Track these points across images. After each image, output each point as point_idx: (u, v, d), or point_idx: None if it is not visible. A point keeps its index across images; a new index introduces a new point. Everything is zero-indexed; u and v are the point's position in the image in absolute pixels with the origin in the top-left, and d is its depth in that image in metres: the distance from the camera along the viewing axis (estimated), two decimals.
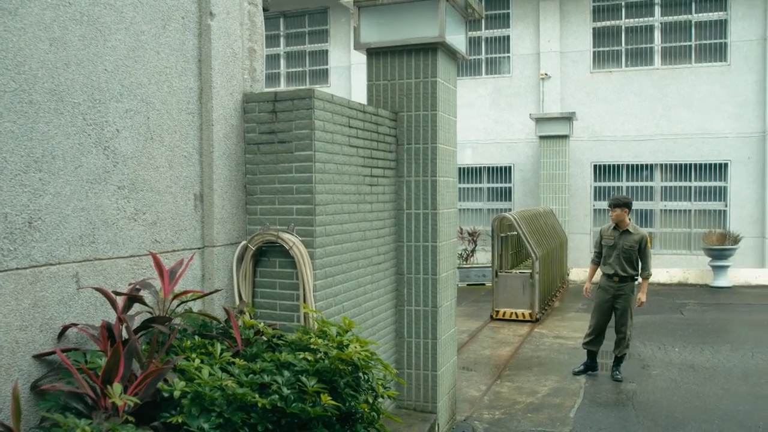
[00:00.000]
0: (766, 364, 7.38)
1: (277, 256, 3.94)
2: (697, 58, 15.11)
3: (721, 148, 14.90)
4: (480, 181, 16.68)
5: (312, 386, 2.65)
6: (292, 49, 18.16)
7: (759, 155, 14.68)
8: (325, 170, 3.99)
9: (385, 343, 4.98)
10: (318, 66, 17.97)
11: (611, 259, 6.98)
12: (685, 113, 15.10)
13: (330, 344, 2.98)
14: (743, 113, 14.77)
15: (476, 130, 16.50)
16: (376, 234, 4.76)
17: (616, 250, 6.94)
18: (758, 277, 13.75)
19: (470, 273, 14.15)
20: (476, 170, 16.68)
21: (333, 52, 17.63)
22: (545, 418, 5.78)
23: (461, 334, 9.15)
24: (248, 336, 3.35)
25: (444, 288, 5.21)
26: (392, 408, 5.16)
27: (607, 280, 7.04)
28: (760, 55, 14.58)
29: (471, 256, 14.67)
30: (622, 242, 6.92)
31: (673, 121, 15.17)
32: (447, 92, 5.22)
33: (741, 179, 14.81)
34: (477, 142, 16.54)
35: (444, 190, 5.16)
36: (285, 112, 3.91)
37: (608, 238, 7.05)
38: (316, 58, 18.01)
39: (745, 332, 9.13)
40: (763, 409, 5.91)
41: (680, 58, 15.23)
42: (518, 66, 16.23)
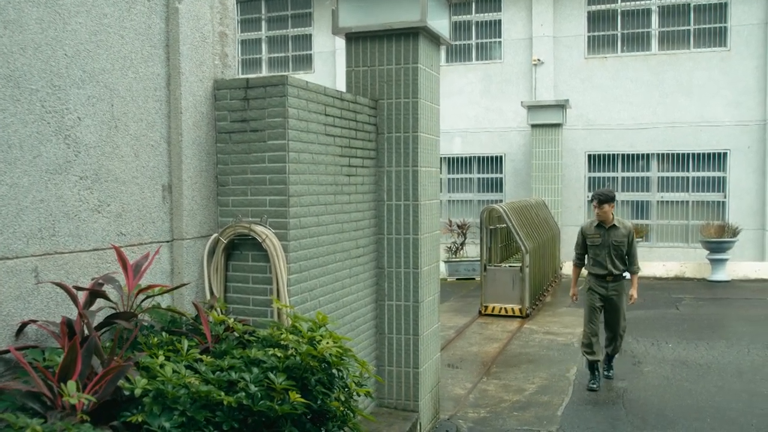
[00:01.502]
0: (762, 360, 7.48)
1: (250, 249, 3.96)
2: (696, 43, 15.19)
3: (720, 137, 15.01)
4: (470, 171, 16.73)
5: (280, 383, 2.68)
6: (274, 33, 18.10)
7: (759, 144, 14.80)
8: (299, 160, 4.01)
9: (364, 339, 5.02)
10: (301, 51, 17.93)
11: (601, 258, 6.79)
12: (683, 101, 15.20)
13: (301, 340, 3.01)
14: (743, 100, 14.87)
15: (466, 119, 16.53)
16: (355, 226, 4.79)
17: (605, 249, 6.76)
18: (758, 271, 13.89)
19: (459, 267, 14.21)
20: (466, 160, 16.73)
21: (317, 36, 17.59)
22: (532, 416, 5.85)
23: (448, 330, 9.21)
24: (218, 332, 3.37)
25: (426, 282, 5.25)
26: (373, 406, 5.20)
27: (598, 282, 6.87)
28: (761, 39, 14.68)
29: (460, 250, 14.74)
30: (611, 239, 6.75)
31: (670, 109, 15.27)
32: (429, 79, 5.24)
33: (740, 169, 14.94)
34: (467, 131, 16.58)
35: (426, 181, 5.19)
36: (257, 99, 3.93)
37: (593, 237, 6.83)
38: (299, 42, 17.97)
39: (742, 327, 9.24)
40: (757, 406, 6.00)
41: (678, 43, 15.31)
42: (510, 51, 16.27)
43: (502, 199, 16.00)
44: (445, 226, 15.00)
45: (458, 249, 14.74)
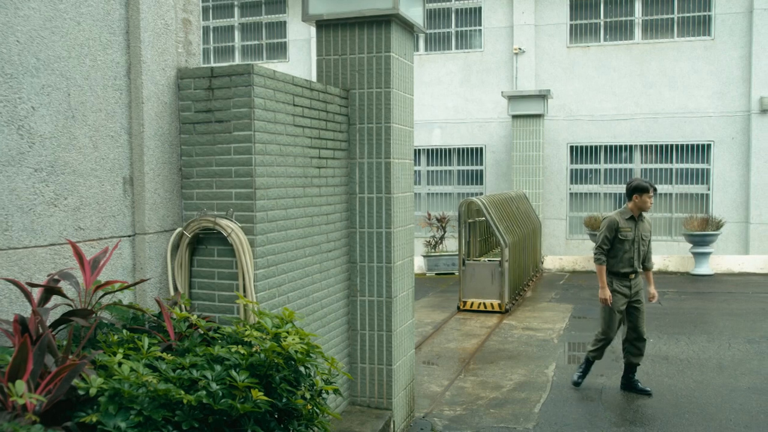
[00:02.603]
0: (742, 355, 7.61)
1: (216, 243, 3.96)
2: (680, 32, 15.36)
3: (704, 128, 15.21)
4: (449, 163, 16.79)
5: (242, 381, 2.69)
6: (248, 20, 18.01)
7: (743, 135, 15.02)
8: (266, 152, 4.01)
9: (336, 335, 5.04)
10: (276, 39, 17.86)
11: (628, 255, 6.34)
12: (666, 91, 15.36)
13: (265, 337, 3.02)
14: (727, 91, 15.08)
15: (445, 109, 16.59)
16: (326, 220, 4.80)
17: (634, 244, 6.35)
18: (741, 265, 14.12)
19: (439, 261, 14.28)
20: (445, 152, 16.79)
21: (291, 24, 17.53)
22: (509, 413, 5.91)
23: (426, 326, 9.26)
24: (181, 329, 3.36)
25: (400, 277, 5.28)
26: (345, 405, 5.23)
27: (622, 281, 6.42)
28: (745, 28, 14.87)
29: (440, 244, 14.81)
30: (640, 233, 6.38)
31: (653, 100, 15.43)
32: (402, 68, 5.26)
33: (724, 161, 15.15)
34: (446, 122, 16.63)
35: (399, 173, 5.21)
36: (222, 89, 3.91)
37: (626, 231, 6.34)
38: (273, 30, 17.89)
39: (723, 322, 9.38)
40: (736, 401, 6.11)
41: (662, 32, 15.47)
42: (490, 40, 16.33)
43: (483, 192, 16.10)
44: (424, 220, 15.06)
45: (437, 243, 14.81)
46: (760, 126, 14.78)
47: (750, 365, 7.21)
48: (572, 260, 14.95)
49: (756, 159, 14.83)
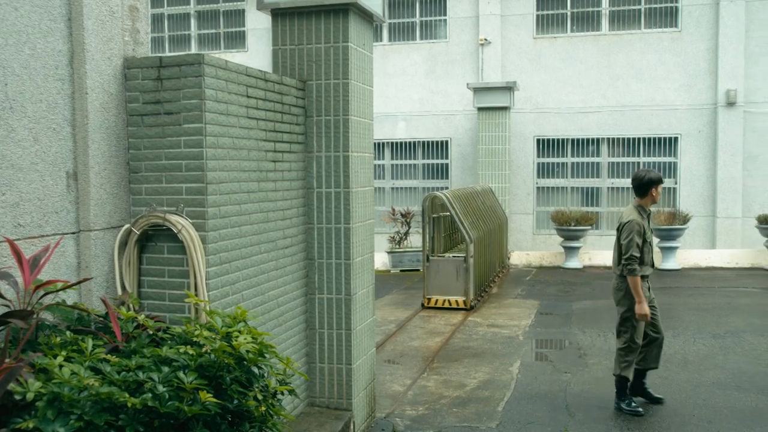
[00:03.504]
0: (707, 350, 7.79)
1: (165, 240, 3.92)
2: (647, 24, 15.61)
3: (671, 121, 15.49)
4: (414, 157, 16.85)
5: (190, 383, 2.68)
6: (204, 8, 17.82)
7: (710, 128, 15.33)
8: (218, 145, 3.98)
9: (294, 335, 5.03)
10: (234, 28, 17.72)
11: (648, 255, 5.96)
12: (633, 83, 15.61)
13: (215, 337, 3.01)
14: (694, 83, 15.37)
15: (410, 101, 16.63)
16: (282, 215, 4.78)
17: (649, 243, 5.98)
18: (708, 259, 14.41)
19: (403, 258, 14.33)
20: (410, 145, 16.84)
21: (250, 12, 17.40)
22: (472, 412, 5.97)
23: (389, 325, 9.29)
24: (128, 330, 3.33)
25: (359, 274, 5.29)
26: (304, 406, 5.22)
27: (645, 284, 5.99)
28: (712, 20, 15.17)
29: (404, 240, 14.85)
30: (650, 229, 6.08)
31: (620, 92, 15.67)
32: (361, 59, 5.26)
33: (692, 154, 15.45)
34: (411, 114, 16.68)
35: (358, 167, 5.22)
36: (172, 79, 3.87)
37: (647, 231, 5.97)
38: (231, 18, 17.74)
39: (689, 317, 9.58)
40: (700, 397, 6.25)
41: (629, 23, 15.70)
42: (456, 30, 16.41)
43: (448, 186, 16.18)
44: (388, 215, 15.09)
45: (402, 239, 14.85)
46: (727, 119, 15.10)
47: (715, 360, 7.38)
48: (539, 256, 15.11)
49: (722, 152, 15.15)
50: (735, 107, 15.03)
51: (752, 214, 14.53)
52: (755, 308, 10.15)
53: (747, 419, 5.70)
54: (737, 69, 15.02)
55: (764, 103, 15.05)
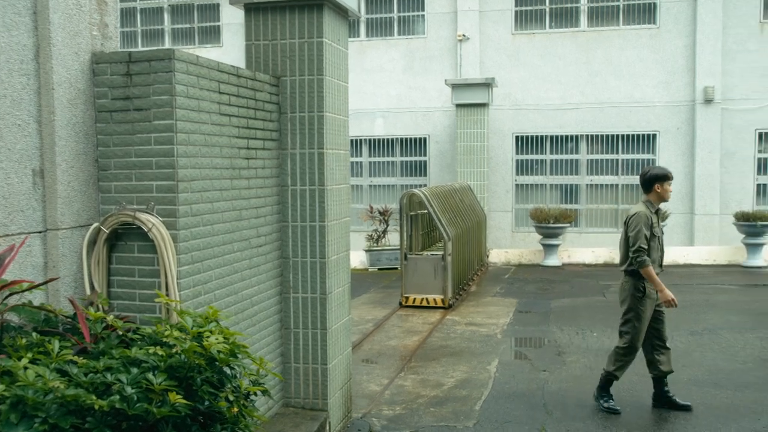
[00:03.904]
0: (685, 347, 7.87)
1: (136, 239, 3.89)
2: (626, 20, 15.74)
3: (649, 118, 15.64)
4: (392, 154, 16.86)
5: (159, 384, 2.66)
6: (178, 2, 17.69)
7: (688, 125, 15.49)
8: (189, 141, 3.95)
9: (268, 334, 5.01)
10: (208, 22, 17.61)
11: (657, 253, 5.91)
12: (612, 80, 15.73)
13: (185, 337, 2.99)
14: (672, 80, 15.53)
15: (388, 98, 16.63)
16: (255, 213, 4.77)
17: (659, 239, 5.95)
18: (686, 256, 14.58)
19: (381, 256, 14.34)
20: (388, 142, 16.84)
21: (225, 6, 17.30)
22: (449, 412, 5.99)
23: (366, 324, 9.29)
24: (97, 331, 3.30)
25: (335, 272, 5.28)
26: (279, 406, 5.21)
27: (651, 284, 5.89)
28: (689, 17, 15.32)
29: (382, 238, 14.86)
30: (660, 226, 6.03)
31: (599, 89, 15.78)
32: (336, 55, 5.25)
33: (670, 151, 15.61)
34: (389, 111, 16.69)
35: (333, 164, 5.21)
36: (141, 75, 3.84)
37: (655, 227, 5.92)
38: (205, 12, 17.63)
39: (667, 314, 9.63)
40: (676, 393, 6.30)
41: (607, 19, 15.82)
42: (434, 26, 16.43)
43: (427, 184, 16.21)
44: (366, 213, 15.10)
45: (380, 237, 14.86)
46: (705, 116, 15.28)
47: (692, 357, 7.46)
48: (518, 253, 15.19)
49: (700, 149, 15.32)
50: (713, 104, 15.20)
51: (730, 211, 14.71)
52: (732, 305, 10.28)
53: (723, 416, 5.77)
54: (715, 66, 15.20)
55: (741, 100, 15.24)
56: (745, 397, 6.21)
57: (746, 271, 13.49)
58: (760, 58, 15.13)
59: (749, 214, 13.89)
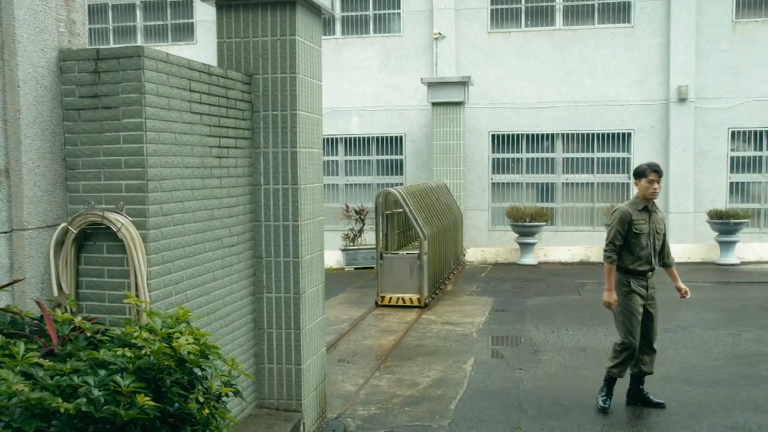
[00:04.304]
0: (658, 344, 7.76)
1: (105, 239, 3.85)
2: (600, 19, 15.85)
3: (624, 117, 15.78)
4: (368, 152, 16.85)
5: (127, 386, 2.64)
6: None
7: (662, 124, 15.65)
8: (159, 140, 3.92)
9: (241, 335, 4.99)
10: (182, 20, 17.47)
11: (645, 251, 5.90)
12: (587, 79, 15.84)
13: (155, 338, 2.96)
14: (647, 79, 15.68)
15: (364, 96, 16.62)
16: (228, 213, 4.74)
17: (650, 237, 5.94)
18: None
19: (357, 255, 14.33)
20: (364, 141, 16.83)
21: (199, 3, 17.16)
22: (424, 411, 6.00)
23: (342, 323, 9.29)
24: (64, 333, 3.27)
25: (308, 272, 5.27)
26: (252, 407, 5.19)
27: (637, 281, 5.91)
28: (663, 16, 15.48)
29: (359, 237, 14.85)
30: (654, 225, 5.98)
31: (575, 87, 15.89)
32: (309, 53, 5.23)
33: (644, 150, 15.75)
34: (365, 109, 16.67)
35: (306, 163, 5.19)
36: (110, 72, 3.80)
37: (640, 223, 5.90)
38: (179, 9, 17.49)
39: None
40: (649, 391, 6.36)
41: (583, 18, 15.92)
42: (410, 24, 16.44)
43: (403, 182, 16.22)
44: (341, 212, 15.08)
45: (356, 236, 14.85)
46: (679, 115, 15.44)
47: (665, 355, 7.54)
48: (495, 252, 15.26)
49: (674, 148, 15.48)
50: (686, 103, 15.37)
51: (703, 209, 14.89)
52: (706, 303, 10.41)
53: (695, 412, 5.85)
54: (688, 65, 15.37)
55: (714, 99, 15.43)
56: (717, 393, 6.30)
57: (720, 269, 13.68)
58: (733, 58, 15.33)
59: (722, 212, 14.08)
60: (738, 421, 5.63)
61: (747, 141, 15.58)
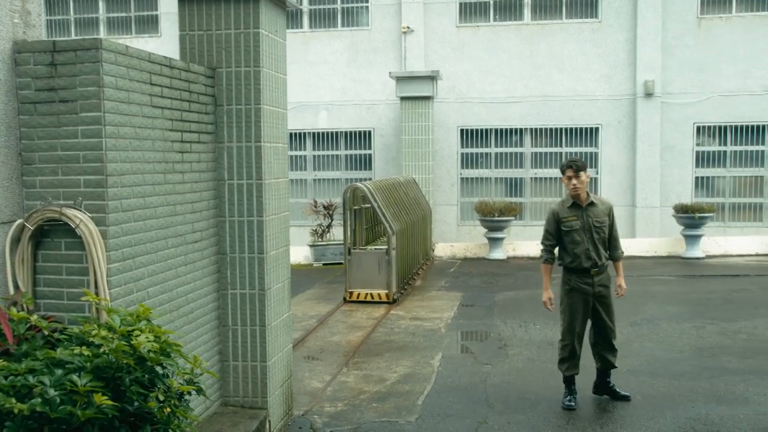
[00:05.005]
0: (624, 338, 8.05)
1: (63, 236, 3.79)
2: (568, 14, 15.98)
3: (592, 112, 15.94)
4: (337, 147, 16.82)
5: (84, 385, 2.60)
6: None
7: (629, 119, 15.84)
8: (119, 135, 3.87)
9: (205, 332, 4.95)
10: (146, 12, 17.25)
11: (581, 247, 5.89)
12: (555, 73, 15.97)
13: (113, 336, 2.93)
14: (614, 74, 15.85)
15: (332, 90, 16.57)
16: (191, 208, 4.70)
17: (585, 233, 5.89)
18: (628, 248, 14.70)
19: (326, 251, 14.31)
20: (332, 135, 16.80)
21: None
22: (391, 407, 6.01)
23: (310, 320, 9.27)
24: (20, 332, 3.22)
25: (274, 268, 5.24)
26: (217, 405, 5.16)
27: (581, 278, 5.92)
28: (630, 11, 15.65)
29: (327, 232, 14.82)
30: (591, 220, 5.91)
31: (543, 82, 16.01)
32: (274, 46, 5.20)
33: (612, 145, 15.94)
34: (333, 104, 16.63)
35: (271, 158, 5.17)
36: (67, 65, 3.74)
37: (570, 220, 5.91)
38: (143, 1, 17.26)
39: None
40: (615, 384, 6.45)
41: (551, 12, 16.04)
42: (378, 18, 16.43)
43: (372, 177, 16.22)
44: (310, 208, 15.03)
45: (325, 232, 14.81)
46: (645, 110, 15.64)
47: (631, 348, 7.65)
48: (464, 247, 15.33)
49: (641, 143, 15.68)
50: (653, 98, 15.57)
51: (670, 204, 15.10)
52: (671, 296, 10.57)
53: (659, 404, 5.94)
54: (655, 60, 15.57)
55: (680, 94, 15.65)
56: (681, 385, 6.40)
57: (685, 263, 13.89)
58: (698, 53, 15.57)
59: (688, 207, 14.29)
60: (700, 413, 5.73)
61: (712, 136, 15.84)
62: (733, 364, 7.03)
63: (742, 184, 15.88)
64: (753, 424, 5.48)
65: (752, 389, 6.27)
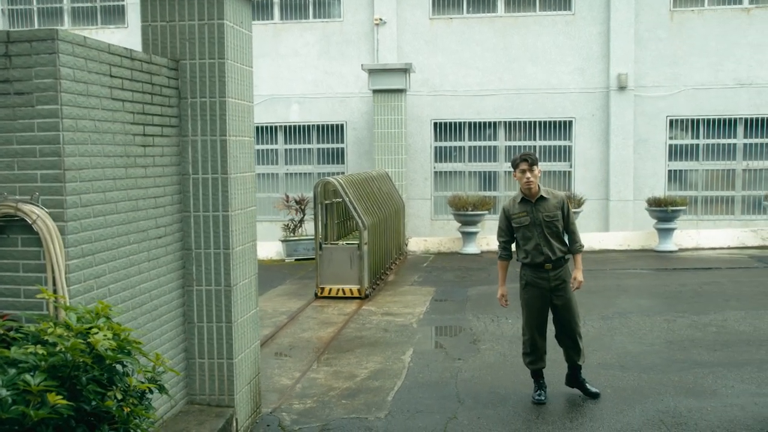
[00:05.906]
0: (595, 332, 8.14)
1: (19, 232, 3.74)
2: (542, 6, 16.06)
3: (565, 105, 16.04)
4: (309, 141, 16.77)
5: (37, 384, 2.57)
6: None
7: (603, 112, 15.97)
8: (77, 128, 3.82)
9: (170, 329, 4.92)
10: (112, 2, 17.03)
11: (533, 243, 5.88)
12: (529, 66, 16.05)
13: (69, 334, 2.90)
14: (587, 67, 15.96)
15: (303, 83, 16.52)
16: (154, 203, 4.65)
17: (536, 229, 5.88)
18: (601, 242, 15.05)
19: (298, 246, 14.27)
20: (304, 129, 16.74)
21: None
22: (361, 403, 6.02)
23: (280, 316, 9.24)
24: None
25: (240, 263, 5.22)
26: (183, 404, 5.12)
27: (535, 273, 5.94)
28: (603, 4, 15.77)
29: (299, 227, 14.78)
30: (541, 215, 5.88)
31: (517, 75, 16.08)
32: (239, 37, 5.16)
33: (585, 138, 16.06)
34: (304, 97, 16.57)
35: (237, 152, 5.13)
36: (22, 56, 3.68)
37: (520, 216, 5.92)
38: None
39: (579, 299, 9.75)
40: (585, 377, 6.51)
41: (524, 5, 16.11)
42: (350, 9, 16.38)
43: (345, 172, 16.19)
44: (281, 202, 14.98)
45: (297, 227, 14.77)
46: (618, 103, 15.78)
47: (602, 341, 7.73)
48: (437, 241, 15.37)
49: (615, 136, 15.82)
50: (626, 91, 15.71)
51: (643, 197, 15.26)
52: (643, 290, 10.69)
53: (628, 397, 6.00)
54: (628, 53, 15.70)
55: (653, 87, 15.81)
56: (650, 378, 6.48)
57: (658, 256, 14.05)
58: (670, 46, 15.73)
59: (661, 200, 14.45)
60: (669, 405, 5.80)
61: (684, 129, 16.03)
62: (702, 356, 7.13)
63: (714, 177, 16.09)
64: (720, 416, 5.56)
65: (720, 381, 6.36)
